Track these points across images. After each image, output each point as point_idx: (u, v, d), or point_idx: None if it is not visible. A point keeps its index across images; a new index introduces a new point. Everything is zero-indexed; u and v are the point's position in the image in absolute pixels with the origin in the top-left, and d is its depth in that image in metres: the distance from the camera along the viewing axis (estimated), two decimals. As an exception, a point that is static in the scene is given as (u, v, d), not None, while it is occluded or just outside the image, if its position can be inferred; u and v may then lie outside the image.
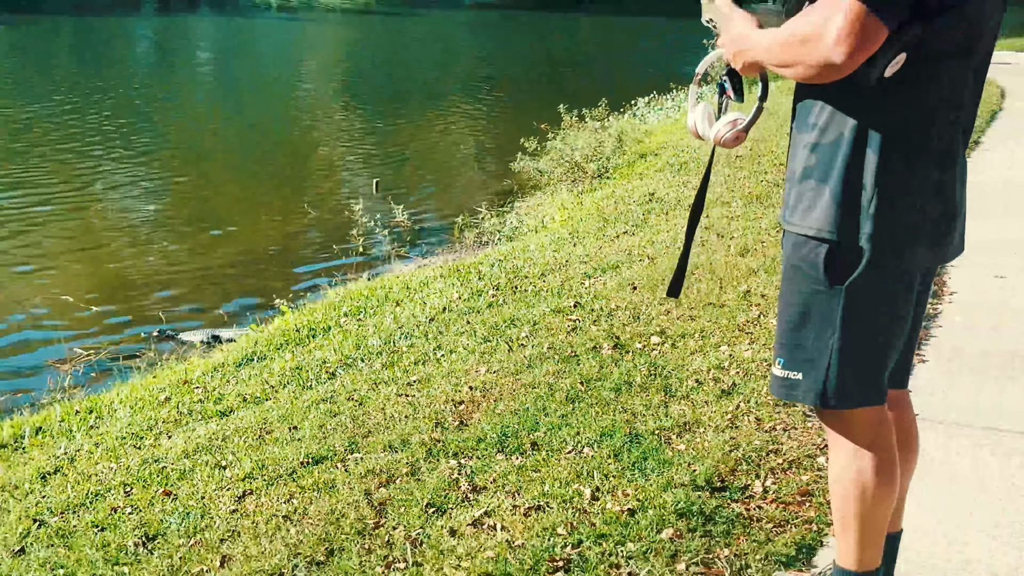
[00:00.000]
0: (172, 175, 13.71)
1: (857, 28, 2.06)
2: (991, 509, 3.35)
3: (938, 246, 2.37)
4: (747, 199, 7.53)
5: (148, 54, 28.68)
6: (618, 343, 4.89)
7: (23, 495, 4.07)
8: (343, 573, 3.07)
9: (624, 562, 3.01)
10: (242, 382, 5.31)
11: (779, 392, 2.48)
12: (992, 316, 5.22)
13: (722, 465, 3.58)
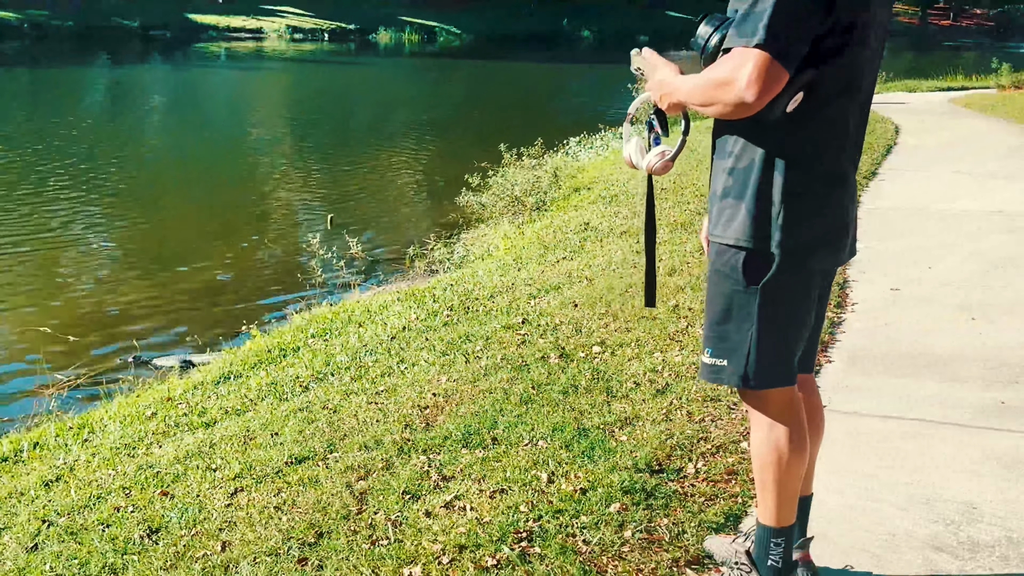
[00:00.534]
0: (136, 216, 13.53)
1: (763, 74, 2.34)
2: (893, 483, 3.64)
3: (835, 251, 2.66)
4: (673, 226, 7.68)
5: (104, 103, 28.40)
6: (563, 353, 5.03)
7: (29, 500, 4.10)
8: (333, 551, 3.18)
9: (578, 532, 3.22)
10: (222, 397, 5.34)
11: (708, 376, 2.72)
12: (888, 323, 5.49)
13: (659, 451, 3.79)
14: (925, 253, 6.97)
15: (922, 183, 9.62)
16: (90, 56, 37.58)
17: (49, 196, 13.94)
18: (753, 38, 2.33)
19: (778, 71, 2.34)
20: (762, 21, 2.33)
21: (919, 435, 4.05)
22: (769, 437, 2.68)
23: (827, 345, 5.07)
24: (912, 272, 6.47)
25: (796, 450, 2.67)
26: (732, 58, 2.39)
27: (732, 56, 2.39)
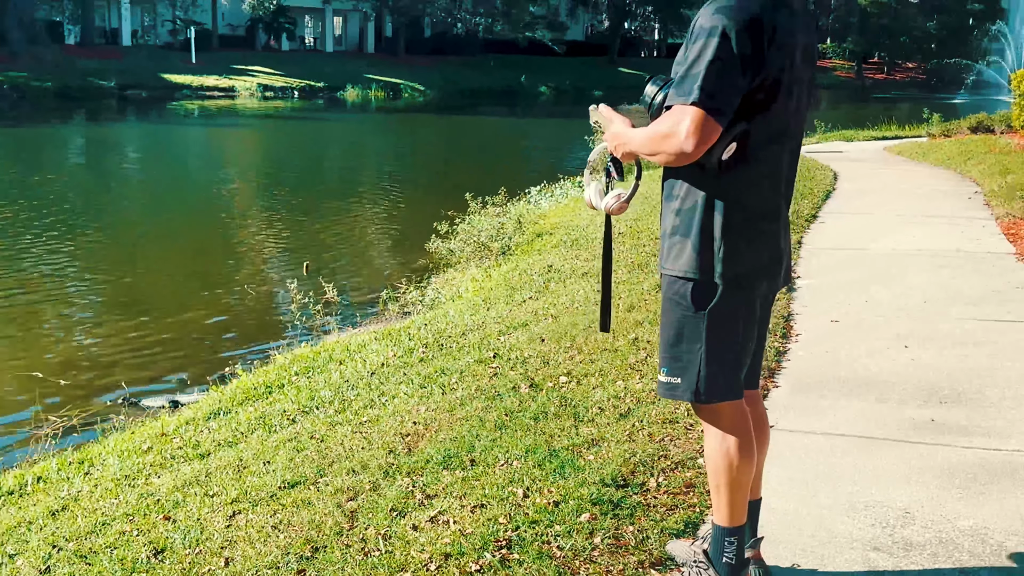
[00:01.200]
0: (118, 266, 13.44)
1: (699, 127, 2.56)
2: (835, 492, 3.80)
3: (771, 279, 2.86)
4: (631, 266, 7.80)
5: (83, 159, 28.31)
6: (533, 383, 5.09)
7: (38, 528, 4.08)
8: (329, 563, 3.25)
9: (553, 539, 3.33)
10: (214, 431, 5.32)
11: (664, 393, 2.90)
12: (828, 351, 5.65)
13: (624, 468, 3.90)
14: (861, 287, 7.15)
15: (858, 224, 9.85)
16: (68, 115, 37.42)
17: (34, 249, 13.85)
18: (690, 97, 2.55)
19: (712, 125, 2.56)
20: (697, 82, 2.55)
21: (858, 450, 4.23)
22: (721, 446, 2.85)
23: (774, 372, 5.24)
24: (850, 305, 6.66)
25: (745, 457, 2.85)
26: (673, 114, 2.60)
27: (673, 112, 2.61)
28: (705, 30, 2.59)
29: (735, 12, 2.58)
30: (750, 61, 2.59)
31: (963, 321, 6.25)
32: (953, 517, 3.59)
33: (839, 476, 3.96)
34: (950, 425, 4.52)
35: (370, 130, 38.21)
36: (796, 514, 3.61)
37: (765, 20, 2.61)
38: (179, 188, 21.96)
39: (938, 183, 12.89)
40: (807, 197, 11.09)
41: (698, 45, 2.59)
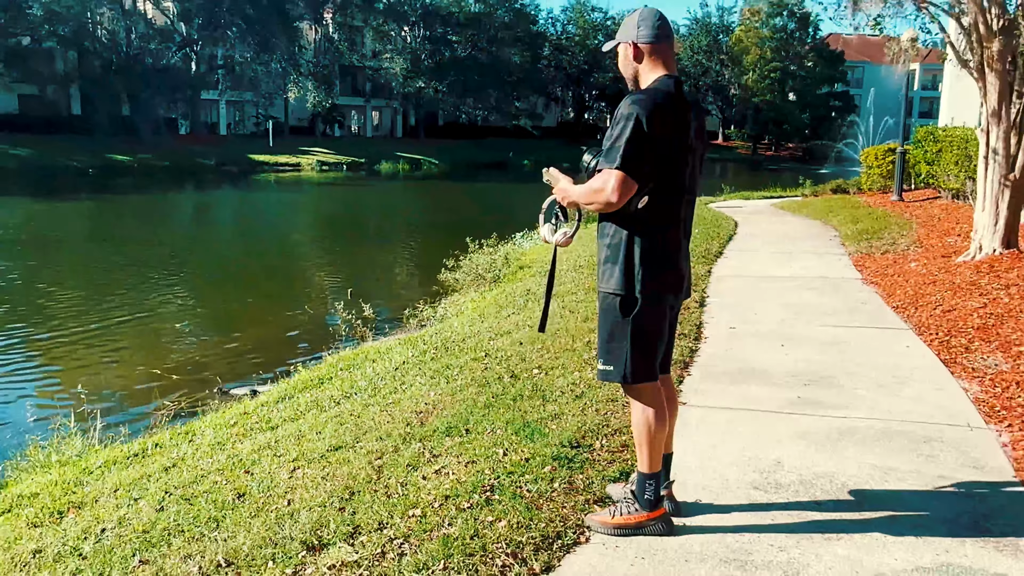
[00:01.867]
0: (214, 293, 13.56)
1: (620, 185, 2.66)
2: (728, 449, 3.86)
3: (677, 292, 2.93)
4: (587, 290, 7.80)
5: (191, 217, 28.36)
6: (513, 374, 5.10)
7: (155, 479, 4.10)
8: (362, 503, 3.28)
9: (524, 484, 3.36)
10: (281, 411, 5.33)
11: (602, 377, 2.95)
12: (728, 349, 5.70)
13: (577, 434, 3.93)
14: (752, 304, 7.20)
15: (751, 259, 9.92)
16: (180, 186, 37.45)
17: (154, 282, 13.91)
18: (614, 163, 2.66)
19: (630, 183, 2.67)
20: (619, 152, 2.66)
21: (747, 420, 4.28)
22: (642, 415, 2.91)
23: (687, 364, 5.28)
24: (743, 316, 6.70)
25: (659, 422, 2.91)
26: (602, 175, 2.71)
27: (602, 174, 2.71)
28: (624, 115, 2.70)
29: (646, 104, 2.71)
30: (655, 138, 2.68)
31: (824, 327, 6.31)
32: (811, 465, 3.65)
33: (732, 439, 4.00)
34: (811, 401, 4.58)
35: (398, 193, 38.33)
36: (700, 466, 3.65)
37: (666, 109, 2.72)
38: (258, 236, 22.02)
39: (809, 229, 12.99)
40: (715, 239, 11.16)
41: (620, 126, 2.69)
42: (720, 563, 2.82)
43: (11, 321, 10.95)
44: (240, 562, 2.90)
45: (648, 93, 2.77)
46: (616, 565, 2.80)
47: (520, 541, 2.89)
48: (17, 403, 7.51)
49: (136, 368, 8.80)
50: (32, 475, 4.86)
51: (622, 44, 2.91)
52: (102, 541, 3.26)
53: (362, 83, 63.64)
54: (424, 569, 2.73)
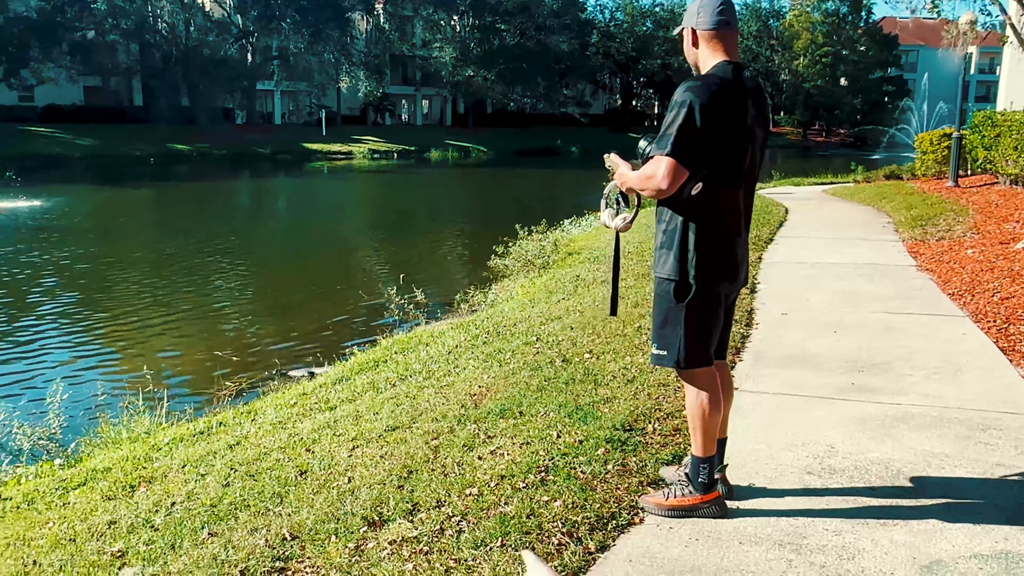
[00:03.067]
0: (270, 278, 13.82)
1: (671, 172, 2.64)
2: (781, 434, 3.82)
3: (732, 280, 2.90)
4: (636, 276, 7.81)
5: (248, 204, 28.87)
6: (565, 359, 5.10)
7: (220, 456, 4.15)
8: (419, 481, 3.33)
9: (578, 465, 3.38)
10: (338, 392, 5.37)
11: (655, 361, 2.95)
12: (779, 335, 5.63)
13: (629, 417, 3.93)
14: (803, 291, 7.09)
15: (802, 245, 9.75)
16: (237, 174, 38.09)
17: (216, 268, 14.19)
18: (665, 150, 2.65)
19: (680, 170, 2.65)
20: (670, 140, 2.65)
21: (799, 405, 4.23)
22: (696, 399, 2.90)
23: (739, 350, 5.24)
24: (795, 303, 6.61)
25: (713, 407, 2.90)
26: (654, 162, 2.70)
27: (653, 160, 2.70)
28: (677, 103, 2.68)
29: (699, 91, 2.68)
30: (709, 125, 2.66)
31: (877, 314, 6.20)
32: (865, 451, 3.60)
33: (785, 424, 3.97)
34: (865, 387, 4.51)
35: (447, 180, 38.41)
36: (753, 451, 3.63)
37: (721, 96, 2.69)
38: (312, 223, 22.27)
39: (860, 215, 12.72)
40: (766, 226, 11.00)
41: (673, 113, 2.68)
42: (774, 546, 2.80)
43: (80, 304, 11.31)
44: (304, 536, 2.97)
45: (704, 80, 2.73)
46: (670, 546, 2.81)
47: (575, 521, 2.92)
48: (88, 383, 7.76)
49: (198, 350, 9.03)
50: (105, 450, 5.03)
51: (685, 29, 2.88)
52: (172, 514, 3.36)
53: (412, 72, 63.92)
54: (482, 546, 2.78)
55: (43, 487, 4.13)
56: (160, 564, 2.90)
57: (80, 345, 9.49)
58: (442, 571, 2.64)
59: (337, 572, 2.69)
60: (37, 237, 17.33)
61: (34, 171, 32.18)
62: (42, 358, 8.81)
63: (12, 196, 23.03)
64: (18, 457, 5.09)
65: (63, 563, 3.03)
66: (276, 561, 2.81)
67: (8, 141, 37.28)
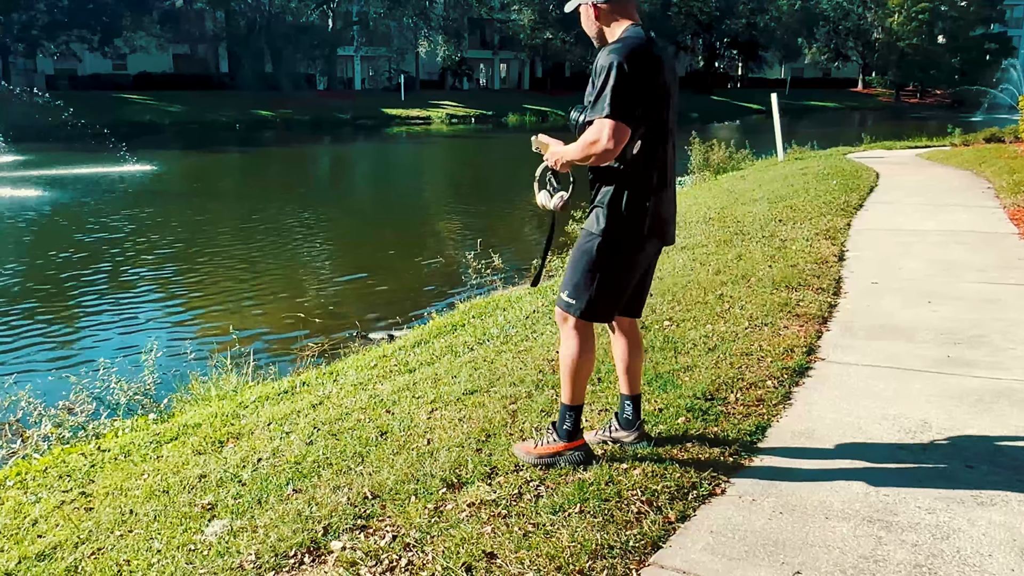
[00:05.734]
0: (350, 242, 14.09)
1: (614, 131, 2.65)
2: (870, 407, 3.70)
3: (659, 239, 2.95)
4: (718, 242, 7.64)
5: (329, 168, 29.40)
6: (644, 326, 4.98)
7: (304, 415, 4.23)
8: (497, 445, 3.34)
9: (657, 434, 3.34)
10: (417, 355, 5.38)
11: (563, 307, 2.98)
12: (869, 305, 5.43)
13: (710, 387, 3.86)
14: (896, 258, 6.83)
15: (894, 211, 9.37)
16: (319, 139, 38.77)
17: (297, 232, 14.52)
18: (604, 112, 2.66)
19: (623, 129, 2.68)
20: (606, 102, 2.67)
21: (889, 377, 4.08)
22: (573, 349, 2.98)
23: (826, 319, 5.06)
24: (887, 271, 6.37)
25: (585, 357, 2.99)
26: (594, 126, 2.71)
27: (593, 125, 2.72)
28: (603, 66, 2.72)
29: (622, 51, 2.72)
30: (638, 82, 2.70)
31: (975, 284, 5.91)
32: (962, 427, 3.45)
33: (874, 395, 3.83)
34: (962, 360, 4.31)
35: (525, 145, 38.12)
36: (839, 422, 3.52)
37: (643, 54, 2.73)
38: (391, 187, 22.57)
39: (958, 181, 12.13)
40: (854, 191, 10.60)
41: (602, 77, 2.71)
42: (863, 522, 2.71)
43: (172, 266, 11.74)
44: (385, 495, 3.02)
45: (624, 42, 2.78)
46: (753, 519, 2.75)
47: (655, 489, 2.88)
48: (179, 341, 8.07)
49: (281, 311, 9.29)
50: (195, 407, 5.22)
51: (582, 5, 2.93)
52: (259, 469, 3.46)
53: (490, 36, 63.60)
54: (560, 511, 2.77)
55: (138, 440, 4.31)
56: (247, 518, 2.99)
57: (172, 305, 9.88)
58: (520, 535, 2.65)
59: (417, 532, 2.73)
60: (132, 202, 18.04)
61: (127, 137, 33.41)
62: (137, 317, 9.21)
63: (111, 162, 23.98)
64: (116, 411, 5.33)
65: (157, 513, 3.16)
66: (358, 519, 2.86)
67: (104, 108, 38.74)
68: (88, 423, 5.06)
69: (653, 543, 2.60)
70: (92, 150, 26.19)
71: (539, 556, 2.52)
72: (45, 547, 3.02)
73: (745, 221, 8.73)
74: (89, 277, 10.92)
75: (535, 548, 2.56)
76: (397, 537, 2.71)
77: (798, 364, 4.20)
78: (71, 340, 8.35)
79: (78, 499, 3.49)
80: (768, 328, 4.81)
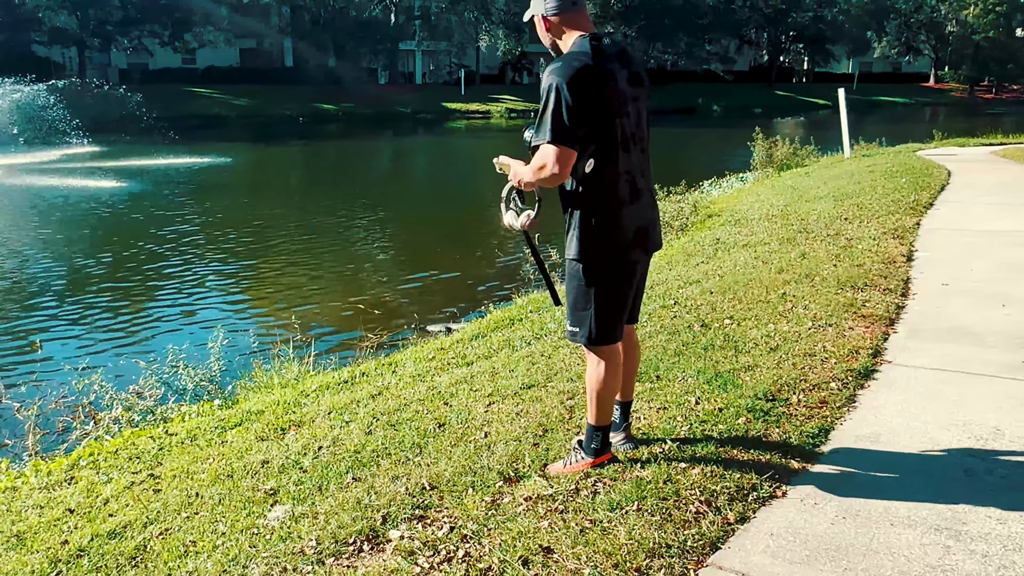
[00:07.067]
0: (407, 238, 14.17)
1: (558, 156, 2.63)
2: (938, 412, 3.60)
3: (642, 248, 2.88)
4: (781, 240, 7.53)
5: (390, 161, 29.73)
6: (704, 323, 4.98)
7: (363, 405, 4.29)
8: (555, 440, 3.35)
9: (717, 435, 3.30)
10: (475, 348, 5.42)
11: (570, 338, 2.97)
12: (939, 307, 5.28)
13: (772, 388, 3.80)
14: (967, 259, 6.62)
15: (966, 210, 9.06)
16: (380, 133, 39.22)
17: (354, 224, 14.72)
18: (546, 137, 2.63)
19: (567, 152, 2.65)
20: (547, 126, 2.64)
21: (958, 382, 3.96)
22: (596, 371, 2.93)
23: (893, 321, 4.94)
24: (958, 272, 6.17)
25: (610, 379, 2.95)
26: (540, 152, 2.70)
27: (540, 151, 2.69)
28: (545, 89, 2.68)
29: (563, 71, 2.65)
30: (580, 102, 2.63)
31: (1053, 287, 5.69)
32: (1037, 436, 3.33)
33: (942, 400, 3.73)
34: (1038, 367, 4.15)
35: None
36: (907, 427, 3.43)
37: (585, 72, 2.65)
38: (451, 181, 22.71)
39: (1035, 179, 11.65)
40: (924, 189, 10.29)
41: (544, 100, 2.67)
42: (930, 530, 2.64)
43: (237, 257, 12.02)
44: (443, 487, 3.05)
45: (564, 60, 2.71)
46: (815, 523, 2.70)
47: (714, 490, 2.85)
48: (243, 330, 8.26)
49: (342, 302, 9.44)
50: (258, 394, 5.35)
51: (535, 16, 2.89)
52: (319, 457, 3.53)
53: (551, 30, 63.38)
54: (617, 508, 2.76)
55: (204, 425, 4.44)
56: (308, 504, 3.05)
57: (236, 295, 10.13)
58: (577, 531, 2.65)
59: (474, 524, 2.75)
60: (201, 194, 18.52)
61: (195, 130, 34.31)
62: (204, 306, 9.46)
63: (181, 154, 24.67)
64: (183, 396, 5.49)
65: (222, 497, 3.25)
66: (416, 509, 2.90)
67: (174, 101, 39.83)
68: (156, 407, 5.22)
69: (712, 544, 2.57)
70: (163, 142, 26.96)
71: (596, 552, 2.51)
72: (115, 525, 3.13)
73: (809, 219, 8.56)
74: (159, 267, 11.26)
75: (592, 544, 2.56)
76: (455, 528, 2.73)
77: (863, 366, 4.10)
78: (141, 327, 8.62)
79: (147, 480, 3.61)
80: (832, 329, 4.71)
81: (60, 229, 14.04)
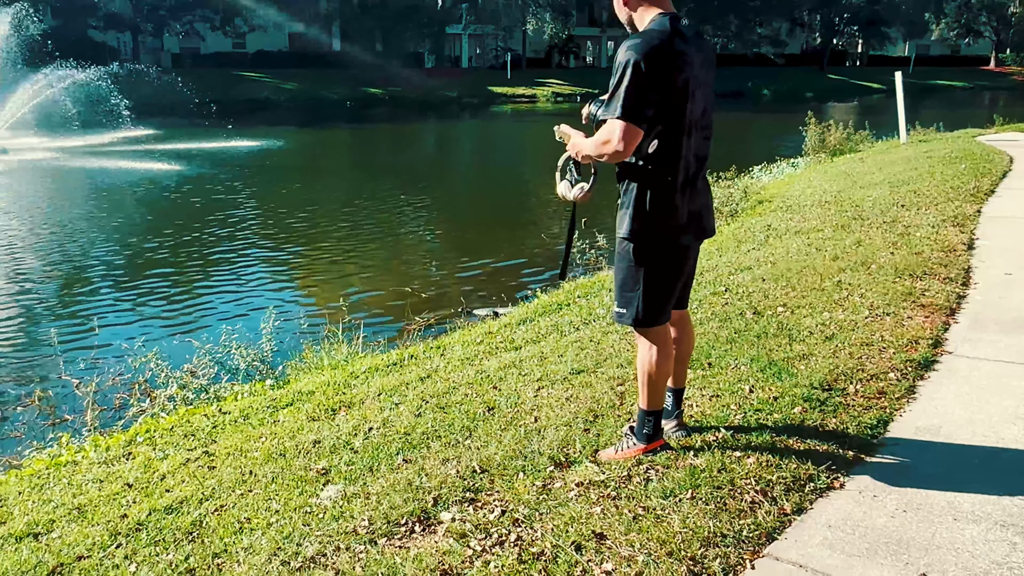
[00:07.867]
0: (453, 221, 14.23)
1: (625, 134, 2.59)
2: (1002, 405, 3.50)
3: (694, 233, 2.85)
4: (835, 227, 7.37)
5: (434, 145, 29.81)
6: (756, 311, 4.91)
7: (412, 388, 4.31)
8: (605, 426, 3.34)
9: (771, 424, 3.25)
10: (523, 332, 5.41)
11: (616, 319, 2.95)
12: (1001, 297, 5.13)
13: (828, 377, 3.73)
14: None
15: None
16: (426, 117, 39.32)
17: (401, 207, 14.79)
18: (615, 112, 2.60)
19: (635, 130, 2.61)
20: (619, 102, 2.61)
21: (1023, 375, 3.85)
22: (647, 355, 2.91)
23: (954, 311, 4.80)
24: (1022, 262, 5.96)
25: (662, 362, 2.93)
26: (606, 126, 2.67)
27: (606, 125, 2.67)
28: (621, 63, 2.63)
29: (640, 48, 2.61)
30: (655, 81, 2.59)
31: (1124, 278, 5.48)
32: (1109, 432, 3.20)
33: (1007, 393, 3.61)
34: (1108, 360, 4.00)
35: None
36: (969, 420, 3.34)
37: (663, 50, 2.61)
38: (496, 165, 22.68)
39: (1103, 166, 11.21)
40: (985, 176, 9.97)
41: (618, 74, 2.63)
42: (995, 526, 2.56)
43: (288, 240, 12.17)
44: (493, 470, 3.05)
45: (644, 36, 2.67)
46: (874, 515, 2.64)
47: (770, 480, 2.80)
48: (293, 312, 8.37)
49: (390, 285, 9.51)
50: (308, 375, 5.41)
51: None
52: (370, 438, 3.56)
53: (599, 13, 62.78)
54: (671, 496, 2.73)
55: (256, 404, 4.50)
56: (360, 485, 3.08)
57: (288, 277, 10.25)
58: (630, 518, 2.62)
59: (525, 508, 2.74)
60: (253, 176, 18.78)
61: (245, 113, 34.79)
62: (256, 288, 9.60)
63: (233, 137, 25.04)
64: (236, 376, 5.58)
65: (275, 475, 3.29)
66: (467, 492, 2.91)
67: (225, 85, 40.42)
68: (210, 386, 5.32)
69: (768, 534, 2.53)
70: (214, 125, 27.40)
71: (649, 540, 2.49)
72: (172, 501, 3.19)
73: (864, 205, 8.36)
74: (212, 250, 11.45)
75: (645, 532, 2.54)
76: (506, 512, 2.73)
77: (923, 357, 3.99)
78: (195, 307, 8.78)
79: (202, 458, 3.68)
80: (890, 318, 4.60)
81: (117, 211, 14.37)
